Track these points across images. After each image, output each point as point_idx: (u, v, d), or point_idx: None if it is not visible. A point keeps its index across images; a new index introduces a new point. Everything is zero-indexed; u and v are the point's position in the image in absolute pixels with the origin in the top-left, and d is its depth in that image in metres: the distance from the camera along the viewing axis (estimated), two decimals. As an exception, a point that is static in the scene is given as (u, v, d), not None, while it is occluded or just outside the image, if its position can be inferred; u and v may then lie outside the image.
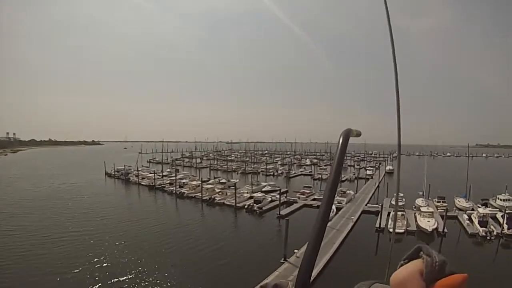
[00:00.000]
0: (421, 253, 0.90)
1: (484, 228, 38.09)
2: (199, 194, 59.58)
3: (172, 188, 67.02)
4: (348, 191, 59.24)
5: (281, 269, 27.06)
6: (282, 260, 28.87)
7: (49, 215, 46.92)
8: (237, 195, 54.51)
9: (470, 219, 42.05)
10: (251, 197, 56.95)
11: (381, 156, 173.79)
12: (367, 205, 52.05)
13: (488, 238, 36.81)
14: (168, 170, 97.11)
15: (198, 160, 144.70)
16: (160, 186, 71.61)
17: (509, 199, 51.07)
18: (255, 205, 51.51)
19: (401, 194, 53.44)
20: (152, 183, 74.14)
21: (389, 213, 42.79)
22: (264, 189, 66.99)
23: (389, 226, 38.65)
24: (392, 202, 50.32)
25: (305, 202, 55.03)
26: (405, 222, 40.00)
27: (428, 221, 39.88)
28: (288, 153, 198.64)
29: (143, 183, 77.12)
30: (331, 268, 28.04)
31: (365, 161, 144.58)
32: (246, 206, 52.10)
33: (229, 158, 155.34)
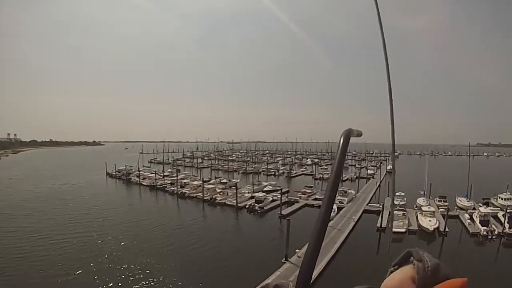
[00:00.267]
0: (412, 258, 0.84)
1: (486, 228, 38.02)
2: (200, 194, 59.49)
3: (174, 188, 66.99)
4: (349, 191, 59.19)
5: (283, 269, 27.00)
6: (284, 260, 28.80)
7: (51, 216, 46.88)
8: (238, 195, 54.31)
9: (472, 219, 42.05)
10: (252, 197, 56.87)
11: (382, 156, 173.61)
12: (368, 205, 52.05)
13: (490, 238, 36.76)
14: (169, 170, 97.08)
15: (199, 160, 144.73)
16: (161, 186, 71.64)
17: (511, 198, 50.97)
18: (256, 205, 51.45)
19: (402, 194, 53.55)
20: (153, 183, 74.16)
21: (390, 213, 42.85)
22: (265, 189, 66.94)
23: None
24: (395, 202, 50.34)
25: (307, 202, 54.97)
26: (407, 222, 39.97)
27: (430, 221, 39.77)
28: (289, 153, 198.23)
29: (144, 183, 77.13)
30: (332, 268, 27.96)
31: (366, 161, 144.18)
32: (247, 206, 52.03)
33: (230, 158, 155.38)
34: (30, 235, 37.58)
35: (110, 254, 31.70)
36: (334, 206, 38.32)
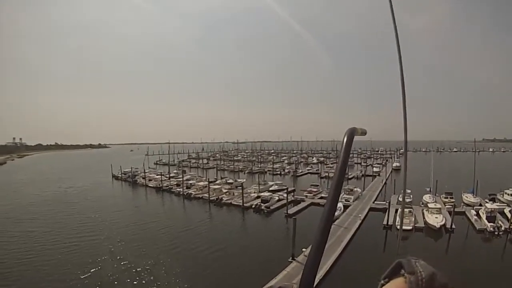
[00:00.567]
0: (402, 271, 0.77)
1: (492, 224, 37.88)
2: (206, 195, 59.76)
3: (179, 189, 67.28)
4: (355, 189, 59.10)
5: (289, 268, 27.06)
6: (290, 259, 28.85)
7: (57, 220, 47.12)
8: (244, 195, 54.52)
9: (478, 215, 41.87)
10: (258, 197, 56.98)
11: (388, 153, 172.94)
12: (375, 203, 51.96)
13: (496, 234, 36.62)
14: (175, 172, 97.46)
15: (205, 161, 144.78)
16: (167, 188, 71.91)
17: (517, 194, 50.88)
18: (263, 205, 51.56)
19: (408, 191, 53.41)
20: (159, 185, 74.43)
21: (397, 210, 42.78)
22: (271, 189, 66.91)
23: (397, 223, 38.74)
24: (400, 199, 50.29)
25: (313, 201, 55.02)
26: (413, 219, 39.89)
27: (436, 218, 39.68)
28: (295, 152, 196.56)
29: (150, 185, 77.57)
30: (339, 267, 27.98)
31: (372, 158, 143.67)
32: (254, 206, 52.17)
33: (236, 158, 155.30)
34: (37, 239, 37.81)
35: (118, 257, 31.86)
36: (340, 205, 38.60)
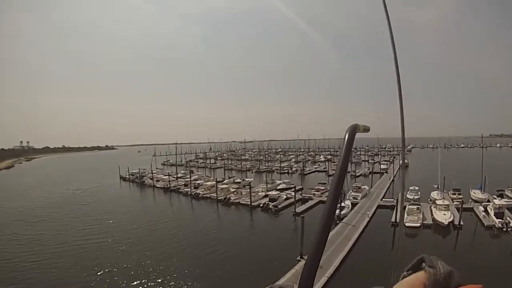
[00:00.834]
0: (424, 265, 0.84)
1: (501, 220, 37.63)
2: (214, 195, 60.15)
3: (187, 189, 67.74)
4: (363, 186, 59.20)
5: (298, 267, 27.10)
6: (299, 258, 28.96)
7: (65, 222, 47.35)
8: (252, 194, 54.77)
9: (486, 211, 41.72)
10: (266, 196, 57.15)
11: (395, 150, 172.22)
12: (383, 200, 51.88)
13: (505, 230, 36.41)
14: (183, 172, 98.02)
15: (212, 161, 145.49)
16: (175, 188, 72.48)
17: (525, 190, 50.63)
18: (270, 204, 51.78)
19: (416, 188, 53.51)
20: (167, 185, 74.99)
21: (405, 207, 42.84)
22: (279, 187, 67.07)
23: (405, 220, 38.79)
24: (408, 196, 50.29)
25: (320, 199, 55.07)
26: (421, 216, 39.97)
27: (444, 214, 39.60)
28: (302, 150, 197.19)
29: (158, 186, 78.18)
30: (348, 266, 28.11)
31: (379, 155, 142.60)
32: (261, 205, 52.45)
33: (243, 158, 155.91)
34: (46, 241, 38.12)
35: (127, 258, 32.08)
36: (348, 202, 38.75)
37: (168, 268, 29.35)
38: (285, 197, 55.41)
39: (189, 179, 72.25)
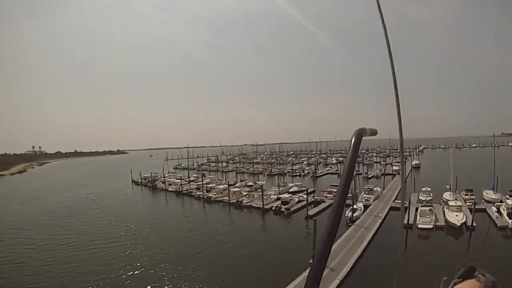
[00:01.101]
0: (476, 273, 0.95)
1: (514, 220, 37.36)
2: (226, 198, 60.59)
3: (199, 193, 68.34)
4: (375, 188, 59.17)
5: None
6: (311, 261, 28.45)
7: (77, 226, 48.19)
8: (264, 197, 54.94)
9: (499, 211, 41.46)
10: (278, 199, 57.37)
11: (407, 151, 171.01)
12: (395, 202, 51.59)
13: (518, 231, 36.10)
14: (195, 175, 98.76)
15: (224, 164, 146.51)
16: (187, 192, 73.21)
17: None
18: (283, 206, 52.00)
19: (429, 189, 53.43)
20: (179, 189, 75.75)
21: (417, 209, 42.92)
22: (291, 190, 67.36)
23: (418, 222, 38.93)
24: (420, 198, 50.28)
25: (333, 201, 54.93)
26: (433, 218, 39.92)
27: (457, 216, 39.40)
28: (314, 153, 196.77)
29: (170, 189, 78.98)
30: (360, 267, 28.29)
31: (391, 157, 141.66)
32: (274, 208, 52.73)
33: (255, 161, 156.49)
34: (58, 245, 39.02)
35: (139, 262, 32.60)
36: (361, 205, 39.08)
37: (180, 272, 29.69)
38: (297, 200, 55.62)
39: (201, 183, 72.98)
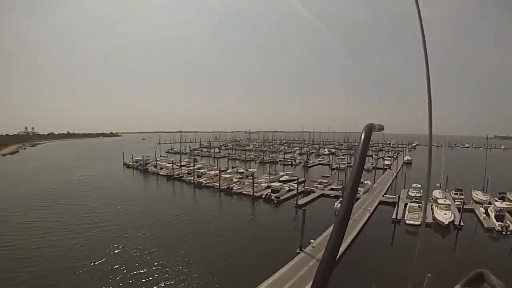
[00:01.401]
0: (486, 285, 0.87)
1: (501, 223, 37.60)
2: (217, 184, 60.66)
3: (190, 178, 68.27)
4: (366, 181, 59.42)
5: (296, 260, 27.21)
6: (298, 251, 29.06)
7: (68, 208, 47.72)
8: (255, 185, 55.03)
9: (487, 213, 41.75)
10: (269, 187, 57.46)
11: (399, 146, 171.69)
12: (384, 196, 52.08)
13: (504, 233, 36.38)
14: (187, 160, 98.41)
15: (216, 150, 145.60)
16: (178, 176, 73.01)
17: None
18: (273, 195, 52.04)
19: (419, 185, 53.65)
20: (171, 173, 75.45)
21: (406, 204, 43.23)
22: (282, 179, 67.31)
23: (406, 218, 39.13)
24: (410, 194, 50.56)
25: (323, 192, 55.46)
26: (422, 214, 40.03)
27: (445, 214, 39.66)
28: (306, 143, 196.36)
29: (161, 173, 78.71)
30: (347, 260, 27.95)
31: (384, 151, 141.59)
32: (264, 196, 52.80)
33: (247, 148, 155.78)
34: (48, 226, 38.60)
35: (129, 244, 32.58)
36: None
37: (171, 258, 29.45)
38: (288, 189, 55.81)
39: (193, 168, 72.79)
